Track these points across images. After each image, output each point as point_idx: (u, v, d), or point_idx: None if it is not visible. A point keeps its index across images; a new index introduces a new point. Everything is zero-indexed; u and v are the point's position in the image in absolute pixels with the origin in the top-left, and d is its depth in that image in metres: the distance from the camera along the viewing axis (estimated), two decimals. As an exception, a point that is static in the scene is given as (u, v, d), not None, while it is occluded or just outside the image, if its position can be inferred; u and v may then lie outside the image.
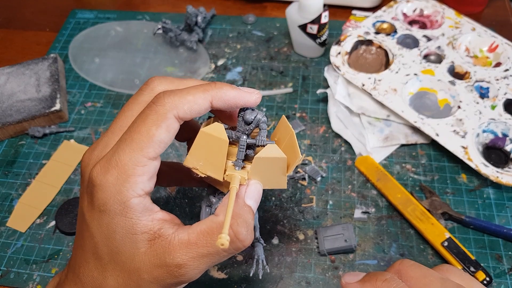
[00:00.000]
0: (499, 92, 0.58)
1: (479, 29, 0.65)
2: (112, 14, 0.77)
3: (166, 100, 0.30)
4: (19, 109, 0.61)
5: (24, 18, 0.79)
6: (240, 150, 0.33)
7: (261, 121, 0.33)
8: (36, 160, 0.59)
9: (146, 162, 0.30)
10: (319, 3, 0.61)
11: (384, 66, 0.63)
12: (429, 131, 0.55)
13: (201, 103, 0.31)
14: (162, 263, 0.30)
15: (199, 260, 0.30)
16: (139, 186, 0.30)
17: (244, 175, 0.33)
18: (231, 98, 0.32)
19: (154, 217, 0.31)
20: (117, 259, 0.31)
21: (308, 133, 0.59)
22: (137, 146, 0.30)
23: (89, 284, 0.32)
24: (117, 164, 0.30)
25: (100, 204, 0.30)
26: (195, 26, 0.70)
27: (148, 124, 0.30)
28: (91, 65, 0.69)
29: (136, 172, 0.30)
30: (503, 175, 0.51)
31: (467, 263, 0.46)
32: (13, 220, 0.53)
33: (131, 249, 0.30)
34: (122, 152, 0.30)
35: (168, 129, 0.30)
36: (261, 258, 0.40)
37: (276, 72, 0.67)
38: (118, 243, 0.30)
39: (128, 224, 0.30)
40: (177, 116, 0.31)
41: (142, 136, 0.30)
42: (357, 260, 0.48)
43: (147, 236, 0.30)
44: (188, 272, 0.30)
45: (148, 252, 0.30)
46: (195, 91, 0.31)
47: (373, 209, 0.52)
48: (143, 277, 0.30)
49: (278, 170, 0.33)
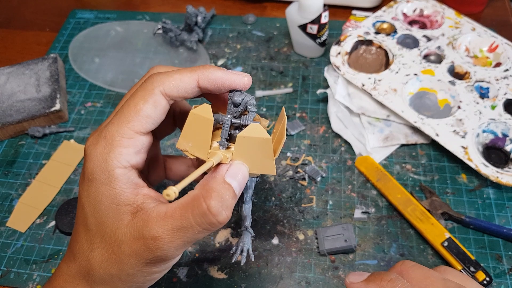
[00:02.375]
0: (499, 92, 0.58)
1: (479, 29, 0.65)
2: (112, 14, 0.77)
3: (155, 78, 0.32)
4: (19, 109, 0.61)
5: (24, 18, 0.79)
6: (224, 129, 0.33)
7: (249, 103, 0.33)
8: (36, 160, 0.59)
9: (133, 135, 0.31)
10: (319, 3, 0.61)
11: (384, 66, 0.63)
12: (429, 131, 0.55)
13: (187, 81, 0.32)
14: (140, 236, 0.30)
15: (174, 233, 0.30)
16: (124, 157, 0.31)
17: (228, 155, 0.32)
18: (217, 78, 0.32)
19: (138, 191, 0.32)
20: (102, 230, 0.32)
21: (308, 133, 0.59)
22: (125, 119, 0.31)
23: (80, 257, 0.33)
24: (105, 136, 0.31)
25: (88, 173, 0.32)
26: (195, 26, 0.70)
27: (136, 99, 0.32)
28: (91, 65, 0.69)
29: (121, 143, 0.31)
30: (503, 175, 0.51)
31: (467, 263, 0.46)
32: (13, 220, 0.53)
33: (115, 220, 0.31)
34: (111, 124, 0.32)
35: (154, 104, 0.31)
36: (246, 246, 0.39)
37: (276, 72, 0.67)
38: (103, 213, 0.31)
39: (112, 194, 0.31)
40: (163, 92, 0.32)
41: (130, 110, 0.31)
42: (357, 260, 0.48)
43: (130, 208, 0.31)
44: (163, 245, 0.30)
45: (129, 224, 0.31)
46: (183, 70, 0.33)
47: (373, 209, 0.52)
48: (124, 250, 0.31)
49: (264, 153, 0.32)
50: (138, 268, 0.32)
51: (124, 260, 0.31)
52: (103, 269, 0.32)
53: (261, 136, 0.32)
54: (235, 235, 0.51)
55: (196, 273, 0.48)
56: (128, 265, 0.31)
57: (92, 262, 0.32)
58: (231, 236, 0.50)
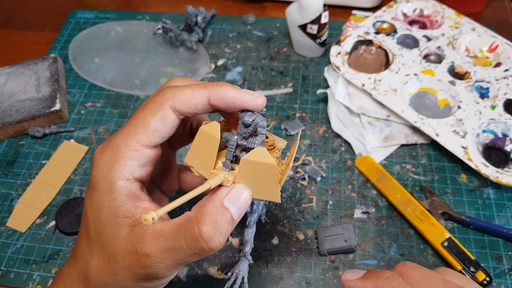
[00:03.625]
0: (499, 92, 0.58)
1: (479, 29, 0.65)
2: (112, 14, 0.77)
3: (166, 92, 0.32)
4: (19, 109, 0.61)
5: (24, 18, 0.79)
6: (229, 150, 0.31)
7: (259, 125, 0.32)
8: (36, 160, 0.59)
9: (139, 147, 0.31)
10: (319, 3, 0.61)
11: (384, 66, 0.63)
12: (429, 131, 0.55)
13: (198, 97, 0.31)
14: (134, 251, 0.30)
15: (165, 253, 0.30)
16: (128, 169, 0.31)
17: (230, 178, 0.31)
18: (228, 96, 0.31)
19: (139, 205, 0.31)
20: (101, 239, 0.32)
21: (308, 133, 0.59)
22: (132, 131, 0.31)
23: (80, 261, 0.33)
24: (112, 146, 0.31)
25: (93, 181, 0.32)
26: (195, 26, 0.70)
27: (145, 112, 0.31)
28: (91, 65, 0.69)
29: (126, 155, 0.31)
30: (503, 175, 0.51)
31: (467, 263, 0.46)
32: (13, 220, 0.53)
33: (113, 231, 0.31)
34: (119, 135, 0.31)
35: (163, 118, 0.31)
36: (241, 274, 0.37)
37: (276, 72, 0.67)
38: (103, 222, 0.31)
39: (112, 205, 0.31)
40: (173, 107, 0.31)
41: (138, 122, 0.31)
42: (357, 260, 0.48)
43: (129, 221, 0.31)
44: (154, 264, 0.30)
45: (126, 237, 0.31)
46: (195, 86, 0.32)
47: (373, 209, 0.52)
48: (119, 262, 0.31)
49: (268, 179, 0.31)
50: (131, 282, 0.31)
51: (118, 272, 0.31)
52: (99, 277, 0.32)
53: (265, 161, 0.30)
54: (236, 234, 0.51)
55: (196, 273, 0.48)
56: (121, 277, 0.31)
57: (90, 268, 0.32)
58: (231, 236, 0.50)
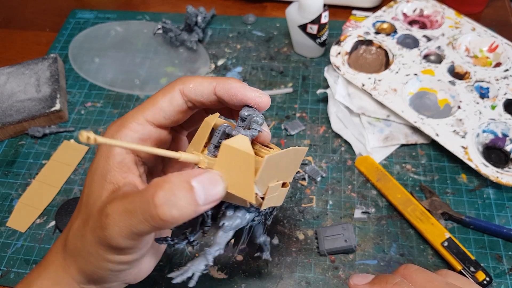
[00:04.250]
0: (499, 92, 0.58)
1: (479, 29, 0.65)
2: (112, 14, 0.77)
3: (180, 78, 0.34)
4: (19, 109, 0.61)
5: (24, 18, 0.79)
6: (215, 135, 0.32)
7: (254, 120, 0.31)
8: (36, 160, 0.59)
9: (143, 122, 0.33)
10: (319, 3, 0.61)
11: (384, 66, 0.63)
12: (429, 131, 0.55)
13: (205, 85, 0.33)
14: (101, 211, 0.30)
15: (121, 215, 0.29)
16: (127, 139, 0.32)
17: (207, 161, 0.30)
18: (232, 87, 0.33)
19: (127, 176, 0.32)
20: (87, 201, 0.32)
21: (308, 133, 0.59)
22: (142, 107, 0.34)
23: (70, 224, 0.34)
24: (122, 118, 0.34)
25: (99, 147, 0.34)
26: (195, 26, 0.70)
27: (158, 93, 0.34)
28: (91, 65, 0.69)
29: (130, 126, 0.33)
30: (503, 175, 0.51)
31: (467, 263, 0.46)
32: (13, 220, 0.53)
33: (98, 194, 0.32)
34: (132, 110, 0.34)
35: (170, 99, 0.33)
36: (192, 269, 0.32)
37: (276, 72, 0.67)
38: (94, 184, 0.32)
39: (105, 169, 0.32)
40: (182, 91, 0.33)
41: (150, 101, 0.34)
42: (357, 260, 0.48)
43: (112, 187, 0.32)
44: (110, 225, 0.29)
45: (104, 200, 0.31)
46: (206, 77, 0.34)
47: (373, 209, 0.52)
48: (89, 224, 0.31)
49: (244, 171, 0.28)
50: (94, 247, 0.31)
51: (86, 235, 0.31)
52: (73, 239, 0.33)
53: (242, 149, 0.28)
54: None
55: (196, 273, 0.48)
56: (87, 241, 0.31)
57: (70, 231, 0.33)
58: (231, 236, 0.50)
